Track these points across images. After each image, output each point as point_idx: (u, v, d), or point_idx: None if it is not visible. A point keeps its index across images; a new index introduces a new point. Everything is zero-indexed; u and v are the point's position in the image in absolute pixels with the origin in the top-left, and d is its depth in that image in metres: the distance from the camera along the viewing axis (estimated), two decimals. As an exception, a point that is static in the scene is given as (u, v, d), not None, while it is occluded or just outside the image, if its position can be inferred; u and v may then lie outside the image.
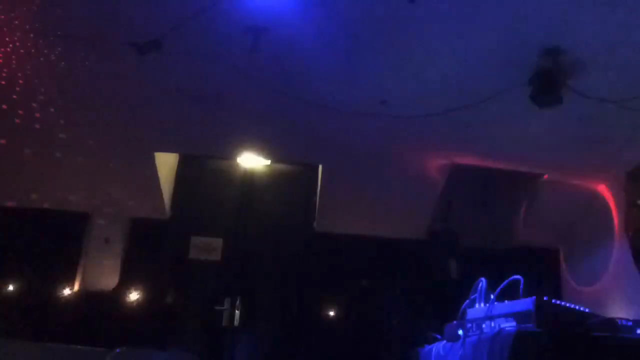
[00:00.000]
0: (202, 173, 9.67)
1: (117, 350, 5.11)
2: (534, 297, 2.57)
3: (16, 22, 5.29)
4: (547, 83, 5.25)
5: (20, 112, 6.52)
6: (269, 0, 4.82)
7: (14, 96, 6.35)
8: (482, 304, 3.11)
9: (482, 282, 3.19)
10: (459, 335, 2.97)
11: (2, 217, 8.47)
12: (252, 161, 8.97)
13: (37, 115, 6.70)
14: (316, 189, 9.21)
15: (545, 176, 8.43)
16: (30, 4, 5.09)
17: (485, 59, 5.50)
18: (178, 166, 9.62)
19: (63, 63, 5.98)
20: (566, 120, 6.20)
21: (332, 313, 9.32)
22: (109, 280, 9.17)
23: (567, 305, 2.68)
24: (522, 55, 5.30)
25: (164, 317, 8.81)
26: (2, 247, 8.40)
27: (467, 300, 3.19)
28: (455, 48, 5.45)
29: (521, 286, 2.93)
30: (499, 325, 2.68)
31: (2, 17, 5.22)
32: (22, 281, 8.58)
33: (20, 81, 6.13)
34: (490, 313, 2.87)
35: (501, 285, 2.99)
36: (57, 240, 8.83)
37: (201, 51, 5.64)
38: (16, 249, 8.58)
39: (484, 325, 2.87)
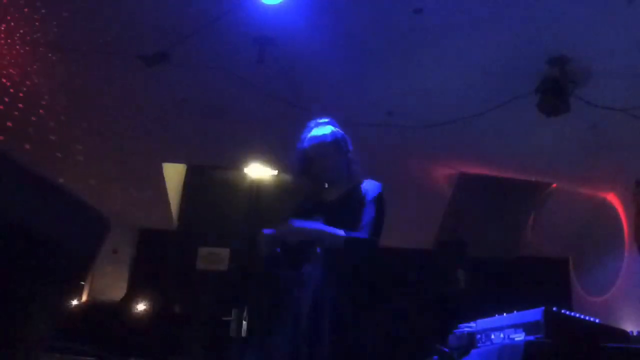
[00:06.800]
0: (210, 183, 9.70)
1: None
2: (543, 308, 2.55)
3: (24, 34, 5.36)
4: (554, 91, 5.24)
5: (27, 123, 6.57)
6: (275, 12, 4.85)
7: (21, 106, 6.41)
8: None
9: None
10: (466, 347, 2.95)
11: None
12: (259, 171, 8.99)
13: (45, 127, 6.75)
14: (323, 199, 9.21)
15: (554, 185, 8.38)
16: (38, 16, 5.15)
17: (491, 68, 5.50)
18: (186, 177, 9.66)
19: (70, 75, 6.05)
20: (574, 128, 6.17)
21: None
22: (117, 290, 9.20)
23: (577, 315, 2.65)
24: (529, 64, 5.30)
25: (171, 327, 8.81)
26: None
27: None
28: (461, 58, 5.45)
29: None
30: (508, 336, 2.66)
31: (11, 29, 5.29)
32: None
33: (28, 93, 6.19)
34: (499, 324, 2.85)
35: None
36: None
37: (209, 62, 5.69)
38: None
39: (492, 336, 2.85)
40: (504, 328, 2.78)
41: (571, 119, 5.44)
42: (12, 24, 5.23)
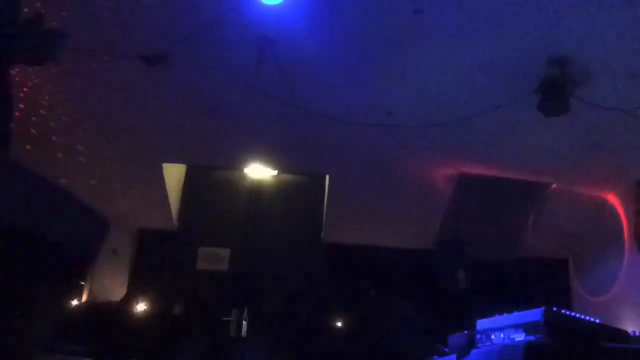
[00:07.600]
0: (210, 184, 9.70)
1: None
2: (543, 308, 2.54)
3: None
4: (554, 92, 5.23)
5: (27, 123, 6.57)
6: (275, 12, 4.85)
7: (22, 107, 6.41)
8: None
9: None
10: (467, 347, 2.95)
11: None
12: (259, 172, 9.00)
13: (45, 127, 6.75)
14: (323, 199, 9.21)
15: (554, 185, 8.38)
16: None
17: (492, 68, 5.50)
18: (186, 177, 9.66)
19: (71, 75, 6.04)
20: (574, 129, 6.17)
21: (339, 324, 9.28)
22: (117, 291, 9.20)
23: (577, 315, 2.65)
24: (529, 65, 5.29)
25: (171, 327, 8.81)
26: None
27: None
28: (461, 58, 5.45)
29: None
30: (508, 336, 2.66)
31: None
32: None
33: (28, 93, 6.18)
34: (499, 324, 2.85)
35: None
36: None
37: (209, 63, 5.68)
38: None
39: (493, 336, 2.85)
40: (504, 328, 2.78)
41: (571, 120, 5.44)
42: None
